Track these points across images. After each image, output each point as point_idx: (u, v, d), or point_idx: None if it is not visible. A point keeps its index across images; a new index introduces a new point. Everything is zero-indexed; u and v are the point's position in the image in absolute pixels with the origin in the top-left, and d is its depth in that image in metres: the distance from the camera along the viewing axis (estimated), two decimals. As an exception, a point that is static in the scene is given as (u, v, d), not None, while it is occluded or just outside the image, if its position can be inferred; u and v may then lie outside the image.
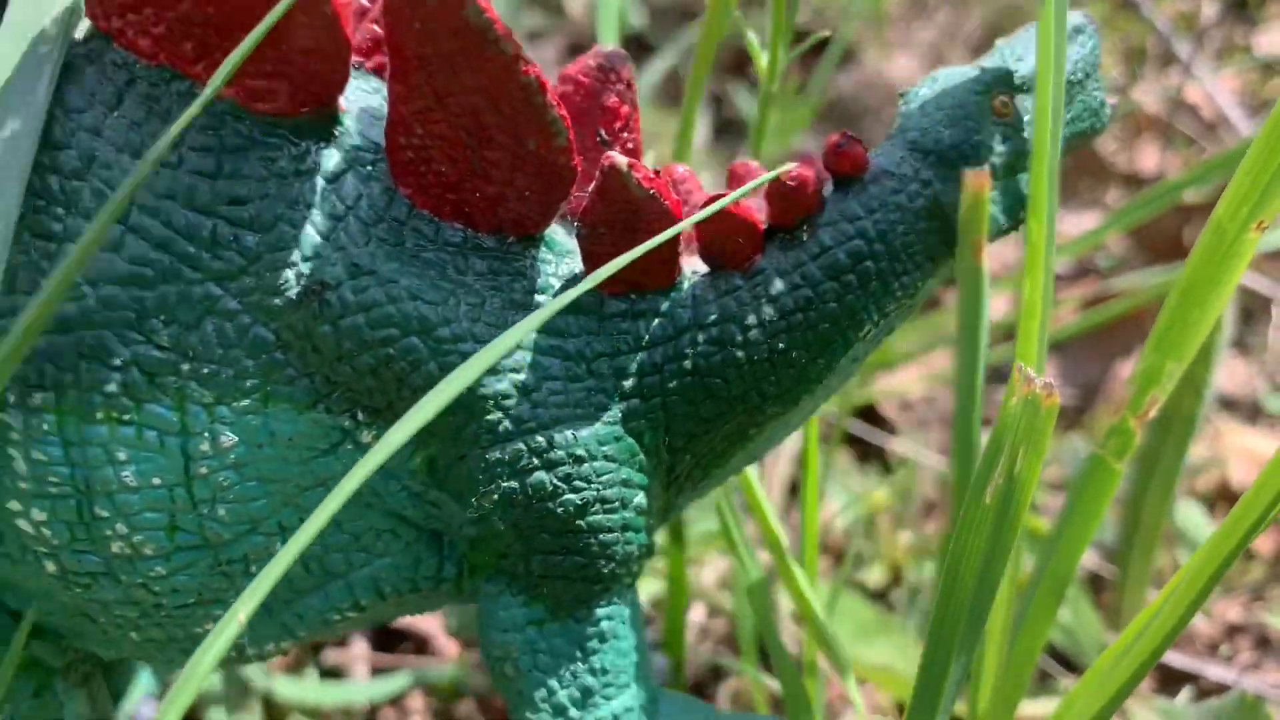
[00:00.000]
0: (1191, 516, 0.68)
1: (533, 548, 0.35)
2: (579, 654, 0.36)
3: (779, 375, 0.36)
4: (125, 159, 0.31)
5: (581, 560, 0.35)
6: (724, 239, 0.35)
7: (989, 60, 0.37)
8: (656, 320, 0.35)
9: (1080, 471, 0.37)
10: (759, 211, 0.36)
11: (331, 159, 0.32)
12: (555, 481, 0.34)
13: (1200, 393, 0.63)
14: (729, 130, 1.04)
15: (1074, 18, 0.37)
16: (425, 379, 0.32)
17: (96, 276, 0.31)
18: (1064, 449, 0.71)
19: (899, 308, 0.37)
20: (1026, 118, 0.36)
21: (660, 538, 0.56)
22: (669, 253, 0.34)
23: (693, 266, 0.36)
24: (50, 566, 0.33)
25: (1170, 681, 0.61)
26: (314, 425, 0.33)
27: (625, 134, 0.36)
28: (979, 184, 0.35)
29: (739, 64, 1.03)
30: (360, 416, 0.33)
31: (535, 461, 0.34)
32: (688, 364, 0.35)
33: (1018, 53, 0.37)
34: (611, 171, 0.32)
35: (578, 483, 0.34)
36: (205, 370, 0.32)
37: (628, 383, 0.35)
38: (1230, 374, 0.79)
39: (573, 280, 0.35)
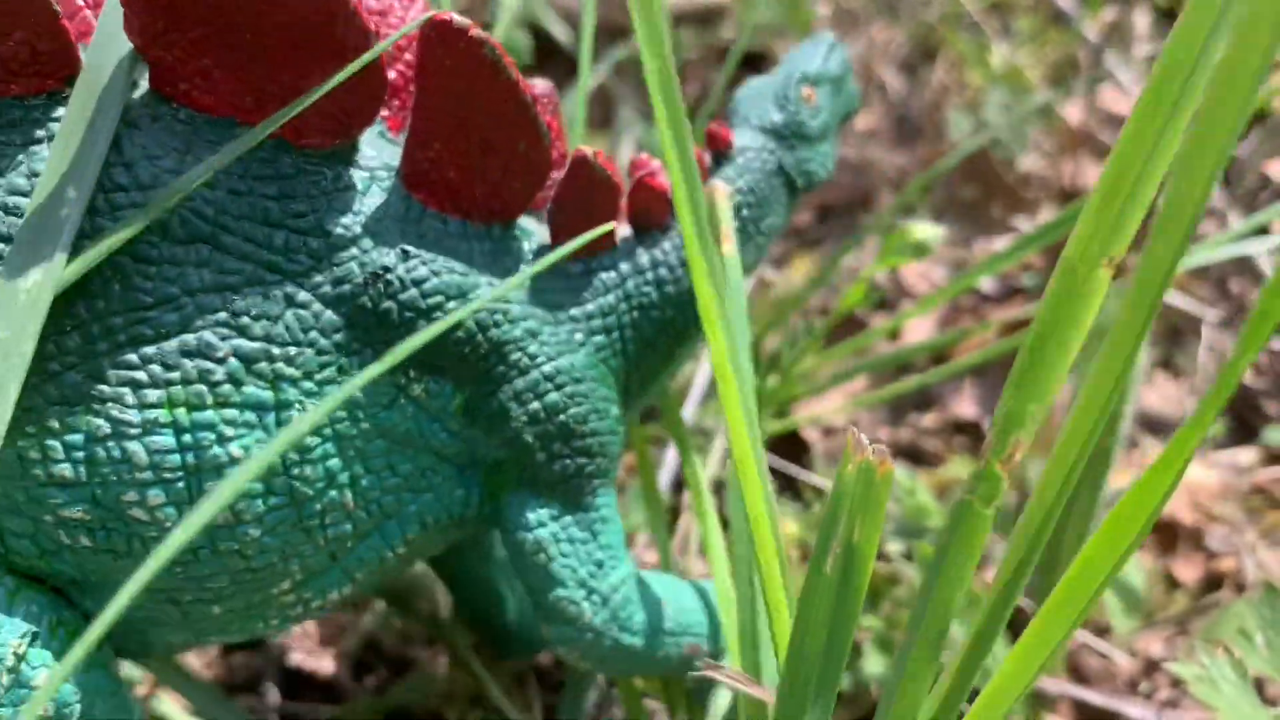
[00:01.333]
0: (1114, 546, 0.66)
1: (552, 454, 0.45)
2: (590, 535, 0.46)
3: (695, 300, 0.45)
4: (203, 191, 0.38)
5: (585, 460, 0.46)
6: (645, 207, 0.47)
7: (786, 65, 0.52)
8: (606, 274, 0.47)
9: (949, 518, 0.35)
10: (667, 183, 0.47)
11: (359, 177, 0.41)
12: (564, 399, 0.44)
13: (1115, 426, 0.61)
14: (659, 150, 1.02)
15: (825, 37, 0.54)
16: (465, 333, 0.42)
17: (194, 288, 0.38)
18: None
19: (765, 240, 0.51)
20: (824, 100, 0.52)
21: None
22: (609, 220, 0.45)
23: (624, 231, 0.48)
24: (156, 547, 0.37)
25: None
26: (376, 386, 0.41)
27: (557, 142, 0.46)
28: (719, 194, 0.47)
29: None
30: (412, 374, 0.42)
31: (549, 385, 0.44)
32: (634, 302, 0.47)
33: (807, 58, 0.53)
34: (580, 160, 0.43)
35: (579, 398, 0.45)
36: (291, 352, 0.39)
37: (595, 322, 0.46)
38: (1160, 395, 0.77)
39: (542, 251, 0.45)
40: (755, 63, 1.04)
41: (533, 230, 0.45)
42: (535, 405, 0.44)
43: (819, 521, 0.66)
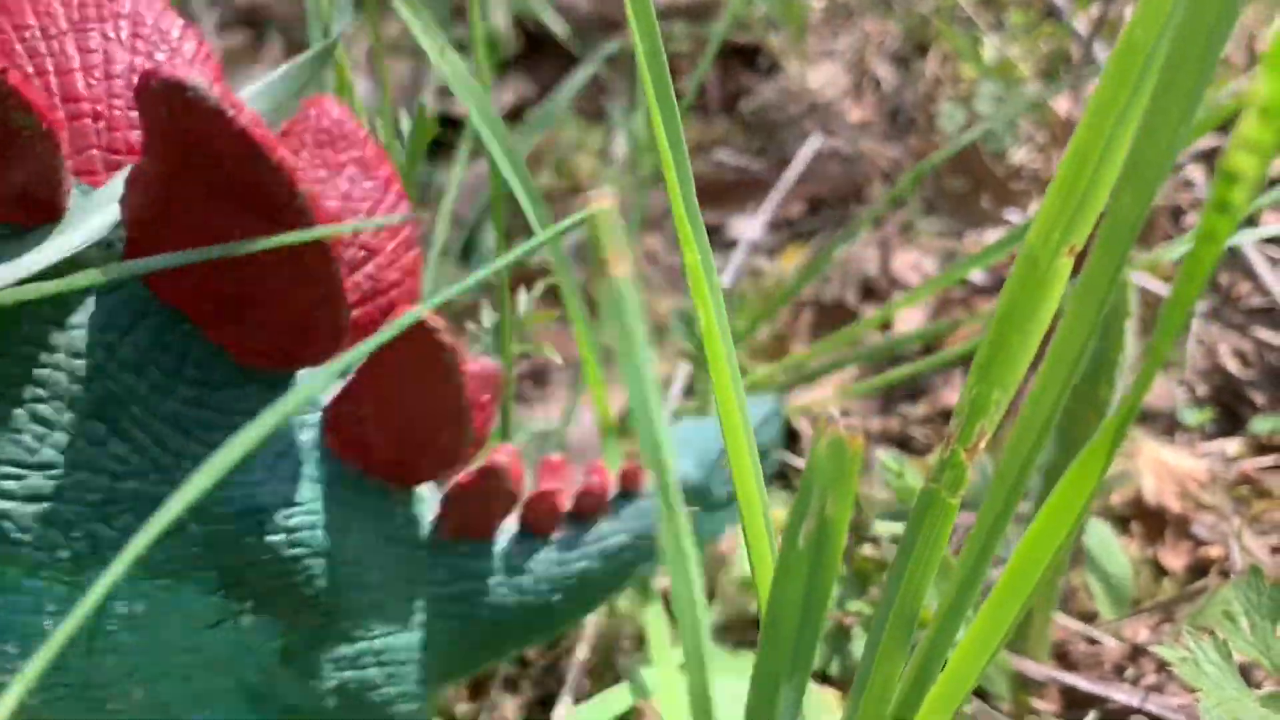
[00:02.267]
0: (1101, 536, 0.66)
1: None
2: None
3: (549, 617, 0.48)
4: (127, 376, 0.37)
5: None
6: (538, 515, 0.47)
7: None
8: (475, 562, 0.46)
9: (915, 507, 0.36)
10: (567, 499, 0.48)
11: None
12: (382, 677, 0.44)
13: (1102, 412, 0.62)
14: (650, 144, 1.02)
15: (769, 402, 0.55)
16: (314, 590, 0.41)
17: (79, 464, 0.37)
18: (973, 469, 0.70)
19: (631, 583, 0.51)
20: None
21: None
22: (500, 517, 0.47)
23: (509, 526, 0.48)
24: None
25: (1077, 705, 0.59)
26: (210, 606, 0.40)
27: (485, 427, 0.45)
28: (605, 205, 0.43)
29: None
30: (249, 605, 0.40)
31: (371, 660, 0.43)
32: (489, 598, 0.47)
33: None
34: (494, 469, 0.44)
35: (395, 679, 0.44)
36: (145, 553, 0.37)
37: (445, 605, 0.46)
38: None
39: (432, 525, 0.45)
40: (749, 56, 1.04)
41: (426, 497, 0.46)
42: (350, 675, 0.43)
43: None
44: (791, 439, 0.77)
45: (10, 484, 0.36)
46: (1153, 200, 0.25)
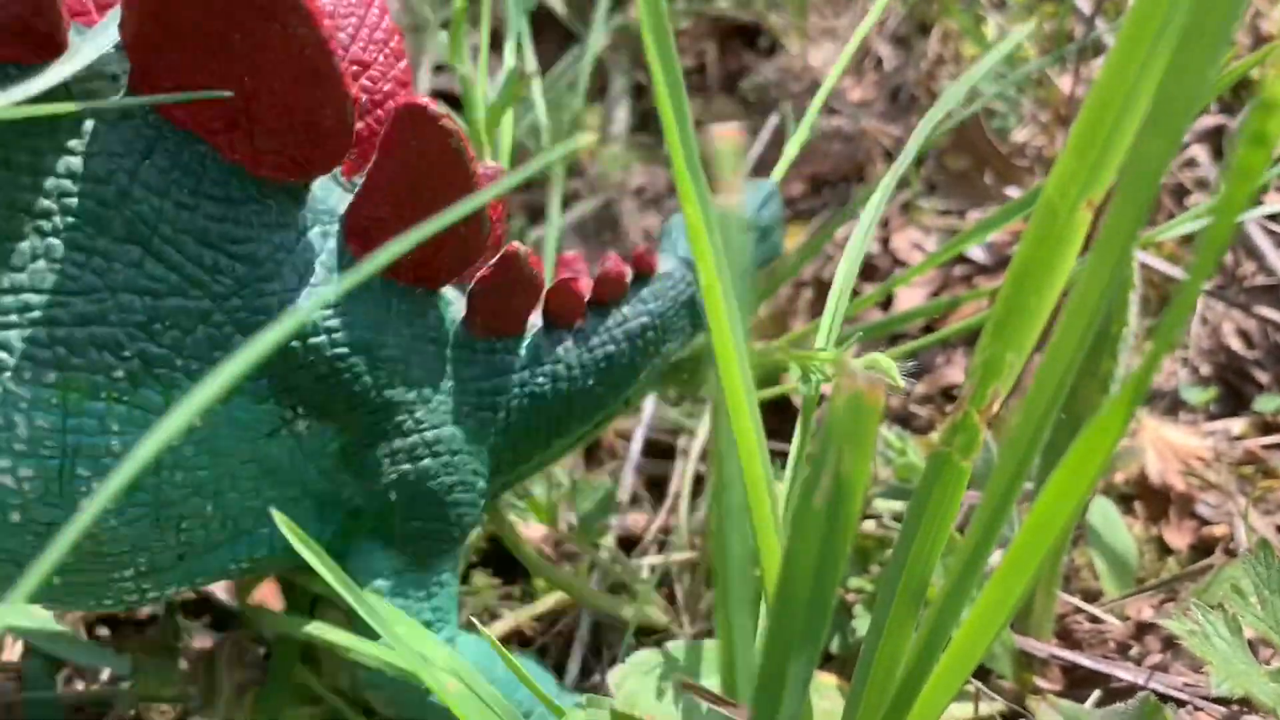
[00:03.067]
0: (1105, 513, 0.66)
1: (412, 514, 0.46)
2: (426, 595, 0.48)
3: (585, 402, 0.50)
4: (152, 198, 0.39)
5: (440, 526, 0.47)
6: (560, 306, 0.49)
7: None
8: (509, 356, 0.48)
9: (926, 471, 0.35)
10: (586, 288, 0.49)
11: (304, 218, 0.42)
12: (438, 467, 0.46)
13: (1106, 386, 0.61)
14: (651, 121, 1.02)
15: (767, 185, 0.55)
16: (362, 387, 0.43)
17: (119, 286, 0.39)
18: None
19: (660, 363, 0.52)
20: (754, 245, 0.54)
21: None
22: (527, 310, 0.48)
23: (535, 321, 0.49)
24: (15, 516, 0.39)
25: (1080, 684, 0.59)
26: (264, 415, 0.42)
27: (498, 223, 0.47)
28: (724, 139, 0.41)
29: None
30: (300, 410, 0.43)
31: (426, 451, 0.46)
32: (527, 389, 0.49)
33: (746, 201, 0.53)
34: (513, 256, 0.45)
35: (450, 468, 0.46)
36: (193, 367, 0.40)
37: (486, 399, 0.47)
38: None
39: (458, 324, 0.47)
40: (750, 35, 1.03)
41: (452, 300, 0.47)
42: (408, 467, 0.45)
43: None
44: (792, 417, 0.76)
45: (59, 311, 0.38)
46: (1180, 143, 0.25)
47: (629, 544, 0.69)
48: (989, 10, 0.96)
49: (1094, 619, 0.62)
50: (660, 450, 0.75)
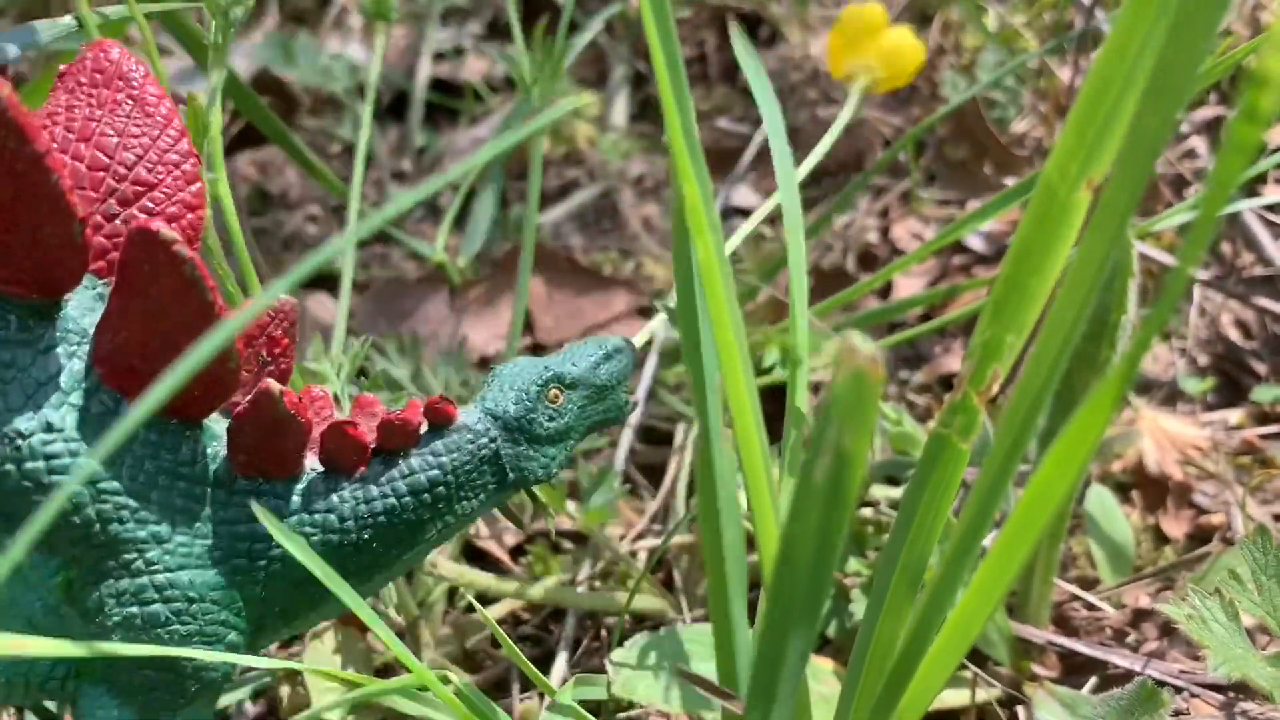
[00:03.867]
0: (1102, 501, 0.66)
1: (138, 664, 0.43)
2: None
3: (359, 558, 0.46)
4: None
5: (173, 678, 0.44)
6: (340, 451, 0.45)
7: (554, 360, 0.49)
8: (275, 501, 0.45)
9: (925, 453, 0.35)
10: (370, 433, 0.46)
11: (49, 335, 0.41)
12: (168, 614, 0.43)
13: (1102, 374, 0.61)
14: (650, 110, 1.01)
15: (614, 341, 0.50)
16: (83, 520, 0.41)
17: None
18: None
19: (456, 522, 0.48)
20: (571, 406, 0.49)
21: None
22: (295, 454, 0.45)
23: (313, 465, 0.46)
24: None
25: (1077, 670, 0.59)
26: None
27: (283, 359, 0.46)
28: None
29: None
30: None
31: (154, 596, 0.42)
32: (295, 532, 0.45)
33: (575, 358, 0.49)
34: (265, 394, 0.42)
35: (186, 618, 0.43)
36: None
37: (241, 544, 0.44)
38: (1150, 356, 0.77)
39: (219, 461, 0.44)
40: (751, 24, 1.03)
41: (219, 434, 0.44)
42: (134, 610, 0.42)
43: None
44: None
45: None
46: (1177, 118, 0.25)
47: (625, 531, 0.69)
48: (989, 1, 0.96)
49: (1091, 606, 0.62)
50: (658, 437, 0.75)
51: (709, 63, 1.02)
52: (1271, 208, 0.79)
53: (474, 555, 0.69)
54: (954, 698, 0.58)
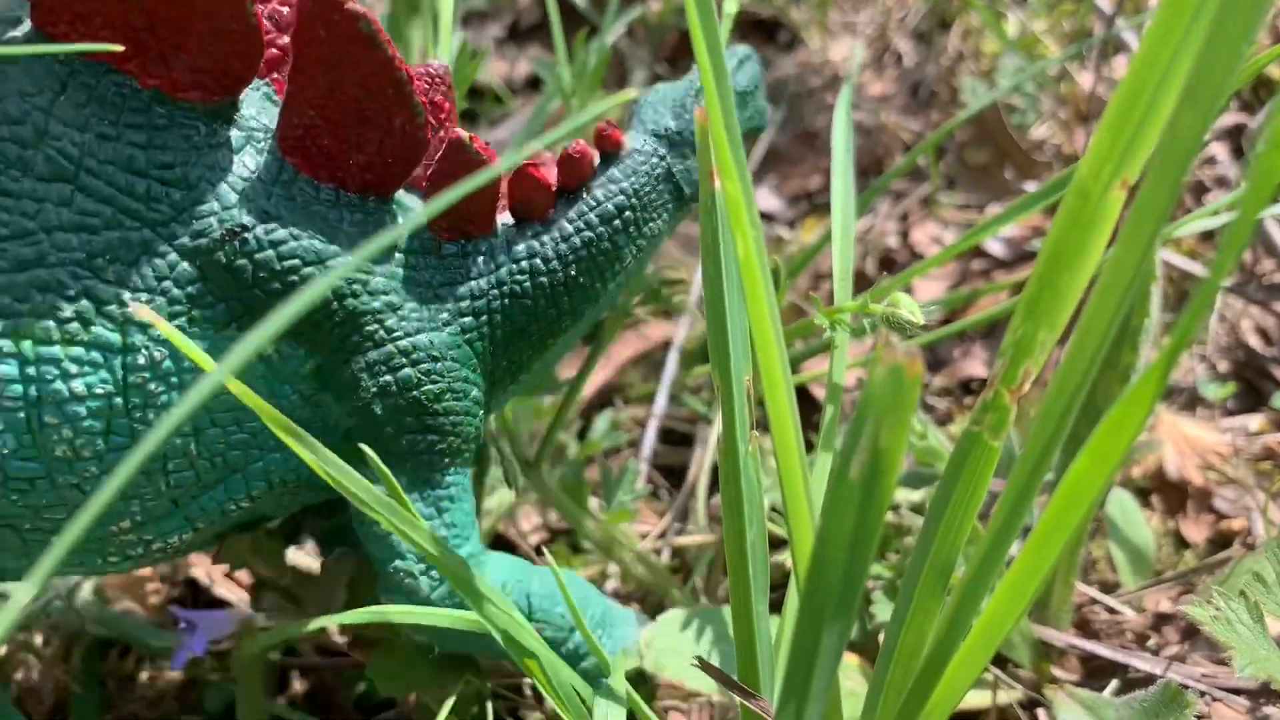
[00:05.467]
0: (1124, 505, 0.66)
1: (401, 429, 0.45)
2: (435, 511, 0.47)
3: (570, 295, 0.49)
4: (73, 133, 0.39)
5: (436, 438, 0.46)
6: (525, 197, 0.47)
7: (696, 74, 0.50)
8: (481, 258, 0.47)
9: (956, 449, 0.35)
10: (550, 175, 0.48)
11: (235, 135, 0.42)
12: (419, 375, 0.45)
13: (1127, 378, 0.61)
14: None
15: (741, 49, 0.52)
16: (321, 300, 0.42)
17: (53, 226, 0.39)
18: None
19: (648, 245, 0.50)
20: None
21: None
22: (490, 206, 0.46)
23: (505, 220, 0.48)
24: None
25: (1097, 674, 0.59)
26: (227, 341, 0.42)
27: (448, 122, 0.46)
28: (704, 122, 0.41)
29: (682, 48, 1.01)
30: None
31: (403, 360, 0.45)
32: (505, 289, 0.47)
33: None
34: (455, 142, 0.44)
35: (434, 376, 0.45)
36: (143, 299, 0.40)
37: (464, 304, 0.46)
38: (1170, 360, 0.77)
39: (418, 229, 0.45)
40: (770, 29, 1.03)
41: (412, 208, 0.46)
42: (387, 378, 0.44)
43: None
44: (811, 408, 0.76)
45: None
46: (1214, 117, 0.25)
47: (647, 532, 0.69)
48: (1010, 6, 0.96)
49: (1112, 610, 0.62)
50: (678, 439, 0.75)
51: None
52: (1293, 214, 0.79)
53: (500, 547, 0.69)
54: (975, 699, 0.58)
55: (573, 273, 0.48)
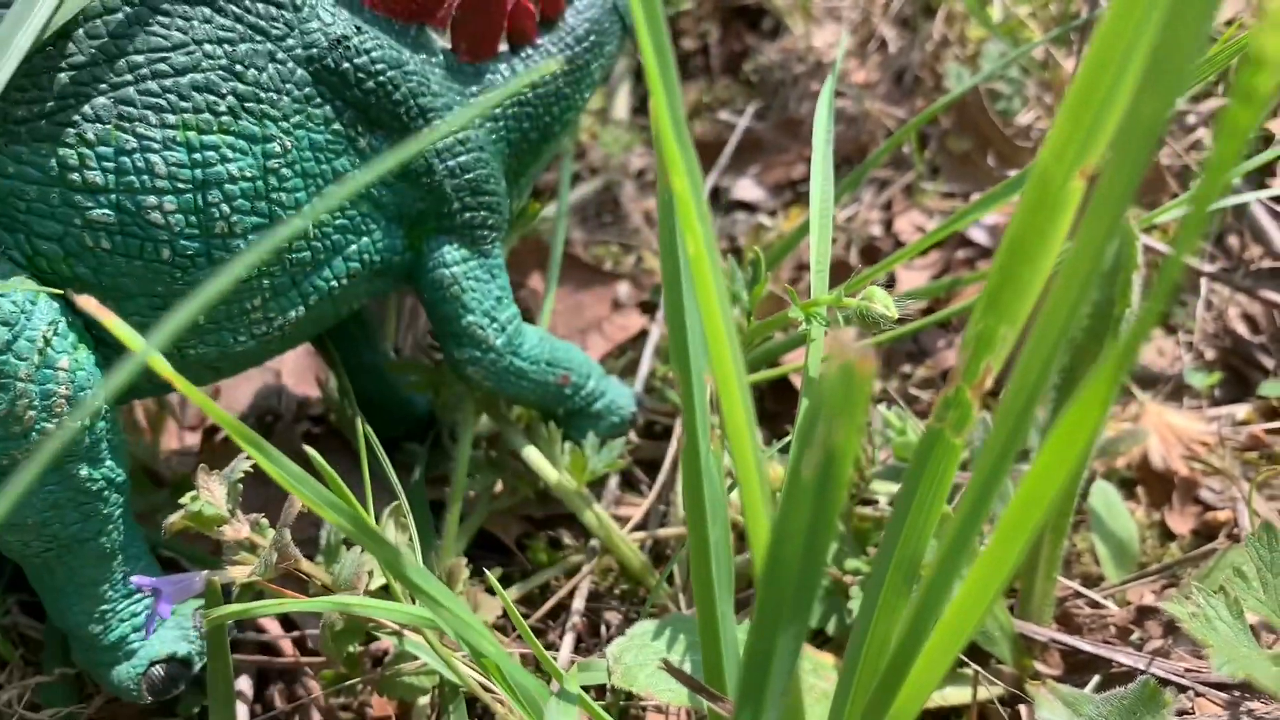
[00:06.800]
0: (1106, 497, 0.65)
1: (463, 205, 0.57)
2: (490, 275, 0.59)
3: (559, 102, 0.62)
4: None
5: (487, 213, 0.58)
6: (519, 26, 0.59)
7: None
8: (494, 75, 0.58)
9: (918, 448, 0.34)
10: (534, 6, 0.59)
11: None
12: (473, 160, 0.57)
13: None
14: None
15: None
16: (402, 96, 0.53)
17: (201, 39, 0.48)
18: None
19: (606, 62, 0.64)
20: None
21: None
22: (497, 32, 0.57)
23: (502, 48, 0.59)
24: (165, 253, 0.48)
25: (1079, 668, 0.58)
26: (333, 134, 0.51)
27: None
28: None
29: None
30: (359, 128, 0.52)
31: (462, 148, 0.56)
32: (514, 99, 0.59)
33: None
34: None
35: (482, 162, 0.57)
36: (274, 98, 0.49)
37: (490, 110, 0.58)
38: (1156, 350, 0.76)
39: (445, 51, 0.56)
40: (753, 17, 1.02)
41: (436, 37, 0.56)
42: (452, 162, 0.56)
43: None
44: (792, 399, 0.75)
45: (161, 65, 0.47)
46: (1175, 103, 0.24)
47: (623, 525, 0.68)
48: (994, -8, 0.95)
49: (1094, 604, 0.61)
50: (656, 433, 0.75)
51: (711, 55, 1.01)
52: (1280, 200, 0.78)
53: (486, 542, 0.68)
54: (956, 695, 0.57)
55: (560, 84, 0.61)
